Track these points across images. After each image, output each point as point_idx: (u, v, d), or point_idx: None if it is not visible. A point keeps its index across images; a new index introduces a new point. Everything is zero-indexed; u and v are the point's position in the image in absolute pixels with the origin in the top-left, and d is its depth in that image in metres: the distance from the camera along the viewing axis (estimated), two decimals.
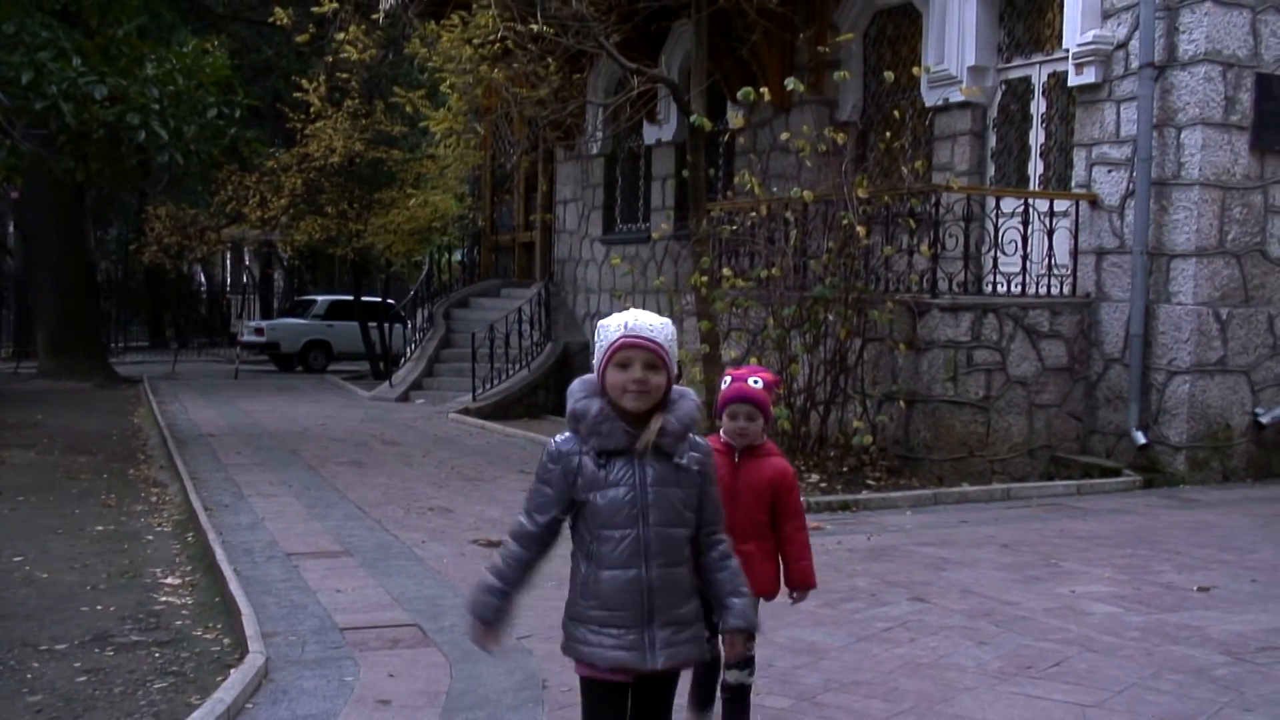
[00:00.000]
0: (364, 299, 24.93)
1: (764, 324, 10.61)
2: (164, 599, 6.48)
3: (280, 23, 15.33)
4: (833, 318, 10.25)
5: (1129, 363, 10.50)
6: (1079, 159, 11.17)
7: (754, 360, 10.48)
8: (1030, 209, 10.92)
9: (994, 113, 12.39)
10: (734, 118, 13.49)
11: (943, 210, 10.58)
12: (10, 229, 31.82)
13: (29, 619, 5.99)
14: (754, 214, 11.18)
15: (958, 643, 5.58)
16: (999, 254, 10.78)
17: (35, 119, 11.47)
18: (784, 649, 5.38)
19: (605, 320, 3.03)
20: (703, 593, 3.14)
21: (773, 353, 10.49)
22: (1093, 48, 10.77)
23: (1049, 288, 10.92)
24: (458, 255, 24.55)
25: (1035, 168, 11.99)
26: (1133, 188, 10.51)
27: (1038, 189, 11.73)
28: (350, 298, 25.67)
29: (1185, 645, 5.54)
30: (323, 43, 16.69)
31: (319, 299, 28.51)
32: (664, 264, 16.28)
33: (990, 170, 12.40)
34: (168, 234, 25.71)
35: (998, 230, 10.78)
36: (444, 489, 10.25)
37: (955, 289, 10.55)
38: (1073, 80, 11.08)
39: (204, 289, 40.77)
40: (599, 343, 3.02)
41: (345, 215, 21.77)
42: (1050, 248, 10.91)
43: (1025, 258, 10.80)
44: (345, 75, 19.33)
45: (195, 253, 27.62)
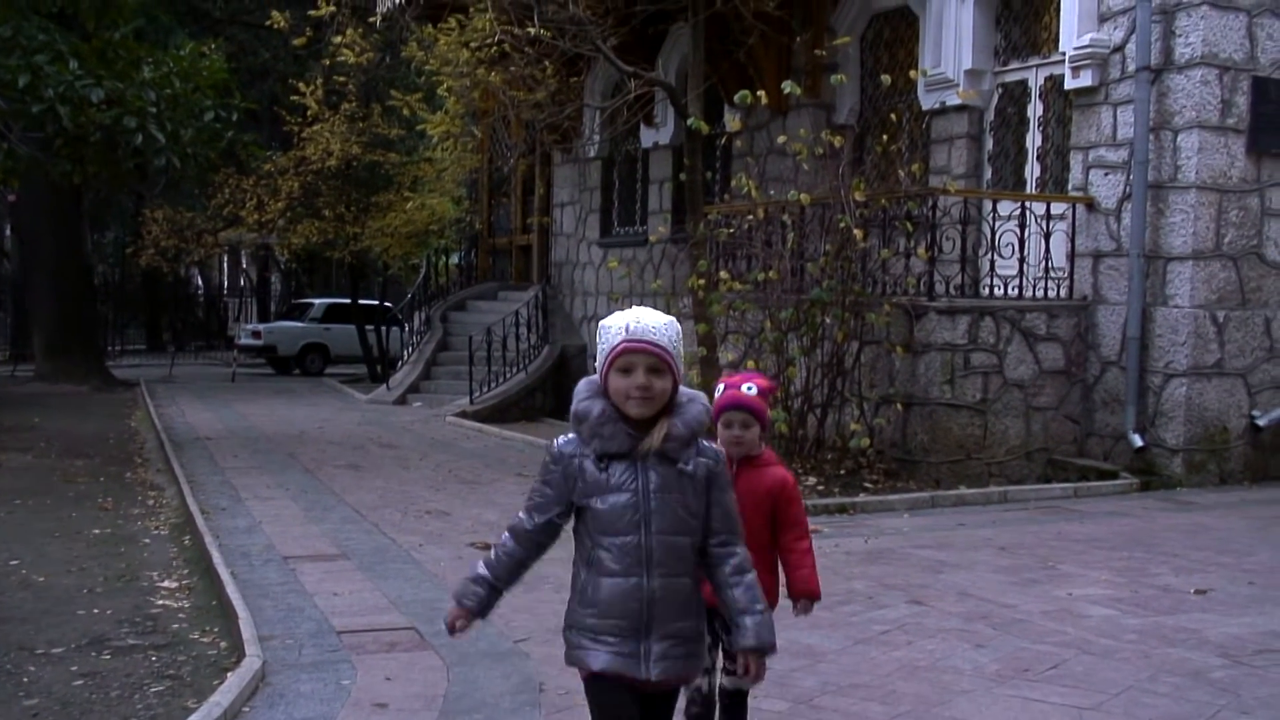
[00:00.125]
0: (361, 302, 24.94)
1: (761, 327, 10.62)
2: (161, 602, 6.48)
3: (277, 26, 15.33)
4: (830, 320, 10.25)
5: (1126, 365, 10.51)
6: (1075, 162, 11.19)
7: (751, 363, 10.49)
8: (1027, 212, 10.93)
9: (991, 116, 12.40)
10: (731, 121, 13.51)
11: (940, 213, 10.60)
12: (7, 232, 31.81)
13: (25, 622, 5.99)
14: (751, 217, 11.18)
15: (955, 645, 5.58)
16: (996, 257, 10.79)
17: (32, 122, 11.48)
18: (781, 652, 5.31)
19: (607, 320, 2.89)
20: (710, 611, 2.99)
21: (770, 355, 10.50)
22: (1089, 51, 10.78)
23: (1046, 291, 10.93)
24: (455, 258, 24.56)
25: (1032, 171, 12.00)
26: (1129, 191, 10.52)
27: (1034, 192, 11.75)
28: (347, 301, 25.67)
29: (1182, 648, 5.54)
30: (320, 46, 16.69)
31: (316, 302, 28.51)
32: (661, 267, 16.29)
33: (987, 173, 12.41)
34: (165, 237, 25.68)
35: (994, 233, 10.79)
36: (441, 492, 10.25)
37: (952, 292, 10.56)
38: (1069, 83, 11.10)
39: (201, 292, 40.78)
40: (600, 345, 2.89)
41: (342, 218, 21.79)
42: (1047, 251, 10.92)
43: (1022, 261, 10.82)
44: (342, 78, 19.34)
45: (192, 256, 27.63)
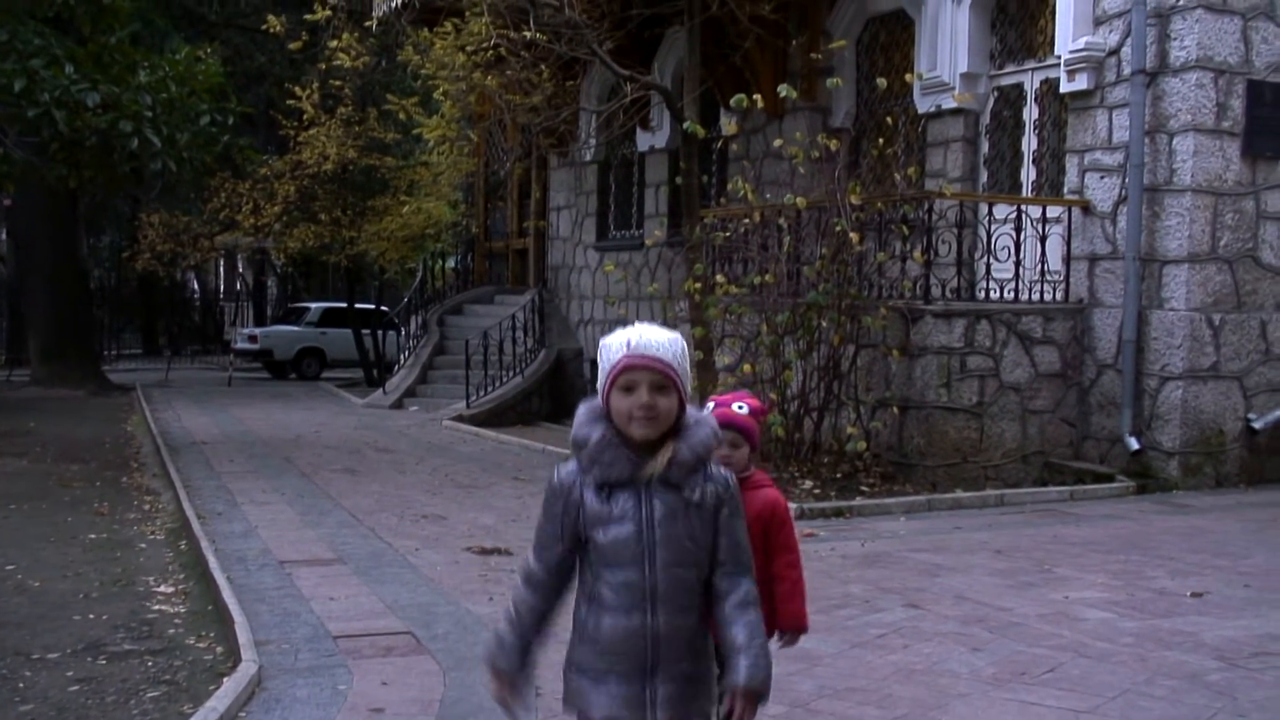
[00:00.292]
0: (358, 306, 24.92)
1: (758, 330, 10.62)
2: (157, 607, 6.47)
3: (273, 30, 15.37)
4: (826, 324, 10.26)
5: (1122, 368, 10.52)
6: (1071, 165, 11.20)
7: (747, 367, 10.49)
8: (1023, 215, 10.94)
9: (986, 119, 12.41)
10: (727, 124, 13.54)
11: (936, 217, 10.60)
12: (2, 236, 31.76)
13: (21, 628, 5.98)
14: (747, 221, 11.19)
15: (951, 649, 5.58)
16: (992, 260, 10.80)
17: (28, 127, 11.47)
18: (777, 656, 5.34)
19: (607, 339, 2.74)
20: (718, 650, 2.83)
21: (766, 359, 10.50)
22: (1085, 54, 10.80)
23: (1042, 294, 10.94)
24: (451, 262, 24.55)
25: (1028, 174, 12.01)
26: (1125, 194, 10.54)
27: (1030, 195, 11.76)
28: (344, 305, 25.66)
29: (1179, 651, 5.54)
30: (316, 50, 16.72)
31: (313, 306, 28.49)
32: (658, 271, 16.29)
33: (983, 177, 12.42)
34: (161, 241, 25.68)
35: (990, 236, 10.80)
36: (438, 496, 10.24)
37: (948, 295, 10.56)
38: (1065, 87, 11.11)
39: (197, 296, 40.75)
40: (602, 364, 2.72)
41: (339, 222, 21.78)
42: (1043, 254, 10.92)
43: (1018, 264, 10.82)
44: (338, 82, 19.35)
45: (188, 260, 27.65)
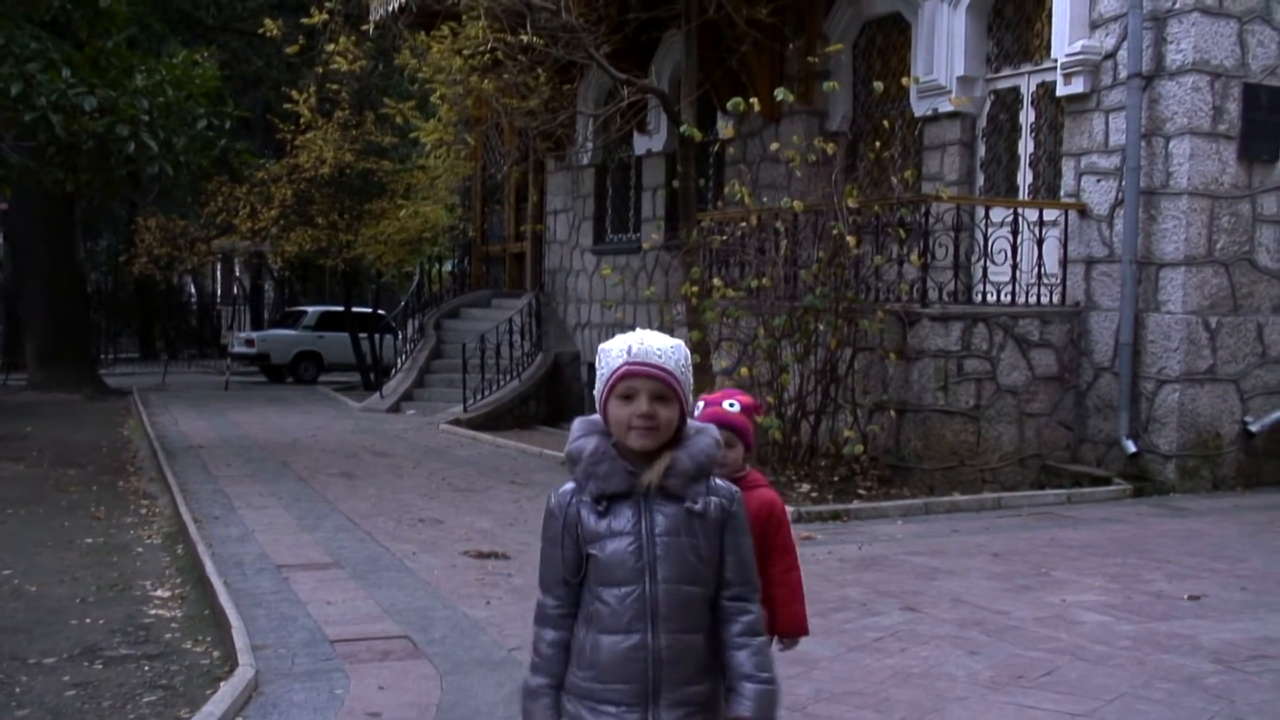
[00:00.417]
0: (355, 310, 24.89)
1: (755, 334, 10.62)
2: (154, 612, 6.46)
3: (270, 34, 15.35)
4: (823, 327, 10.26)
5: (1119, 371, 10.52)
6: (1068, 168, 11.21)
7: (745, 370, 10.49)
8: (1020, 218, 10.94)
9: (983, 123, 12.42)
10: (724, 128, 13.55)
11: (932, 220, 10.61)
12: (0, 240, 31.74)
13: (17, 632, 5.97)
14: (744, 224, 11.19)
15: (949, 652, 5.58)
16: (989, 263, 10.80)
17: (24, 130, 11.46)
18: (775, 660, 5.37)
19: (607, 344, 2.61)
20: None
21: (763, 363, 10.50)
22: (1081, 58, 10.81)
23: (1039, 297, 10.94)
24: (448, 266, 24.54)
25: (1024, 177, 12.02)
26: (1122, 197, 10.55)
27: (1027, 198, 11.77)
28: (341, 309, 25.63)
29: (1176, 654, 5.55)
30: (313, 54, 16.70)
31: (309, 310, 28.45)
32: (654, 274, 16.29)
33: (979, 180, 12.43)
34: (158, 245, 25.65)
35: (987, 240, 10.81)
36: (435, 500, 10.23)
37: (945, 298, 10.57)
38: (1061, 90, 11.12)
39: (194, 300, 40.70)
40: (600, 371, 2.58)
41: (335, 226, 21.76)
42: (1040, 257, 10.93)
43: (1015, 267, 10.83)
44: (335, 86, 19.35)
45: (185, 264, 27.60)
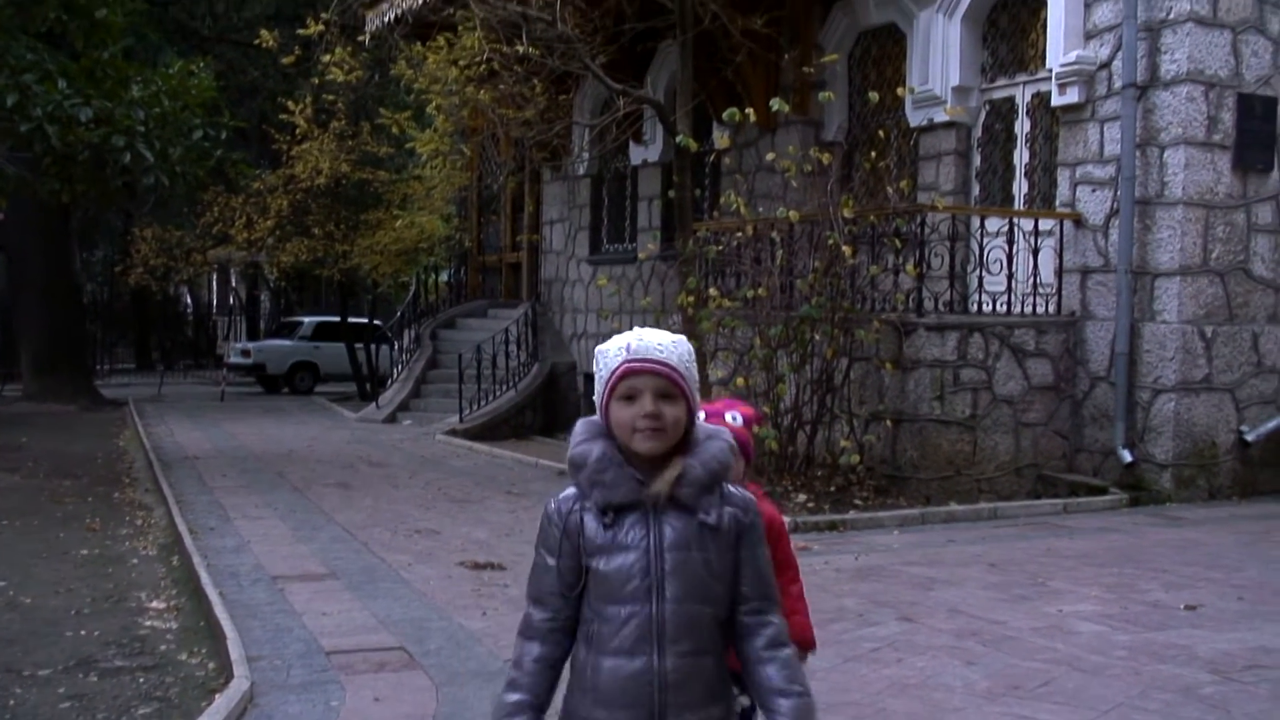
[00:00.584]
0: (351, 320, 24.90)
1: (751, 344, 10.62)
2: (149, 623, 6.45)
3: (266, 44, 15.34)
4: (819, 337, 10.27)
5: (1114, 381, 10.53)
6: (1063, 178, 11.23)
7: (741, 380, 10.49)
8: (1015, 228, 10.96)
9: (978, 132, 12.44)
10: (719, 138, 13.50)
11: (928, 230, 10.62)
12: None
13: (12, 644, 5.95)
14: (740, 234, 11.20)
15: (945, 663, 5.58)
16: (984, 273, 10.82)
17: (20, 141, 11.46)
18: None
19: (604, 345, 2.43)
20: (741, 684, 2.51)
21: (760, 373, 10.50)
22: (1076, 68, 10.83)
23: (1034, 306, 10.95)
24: (444, 276, 24.54)
25: (1020, 187, 12.04)
26: (1117, 207, 10.56)
27: (1022, 208, 11.78)
28: (337, 319, 25.61)
29: (1172, 664, 5.54)
30: (309, 64, 16.70)
31: (306, 320, 28.45)
32: (650, 284, 16.29)
33: (975, 190, 12.44)
34: (154, 255, 25.63)
35: (983, 249, 10.82)
36: (431, 511, 10.22)
37: (941, 308, 10.58)
38: (1056, 100, 11.14)
39: (190, 311, 40.71)
40: (598, 372, 2.41)
41: (332, 236, 21.77)
42: (1035, 267, 10.95)
43: (1010, 277, 10.84)
44: (331, 97, 19.36)
45: (181, 274, 27.59)
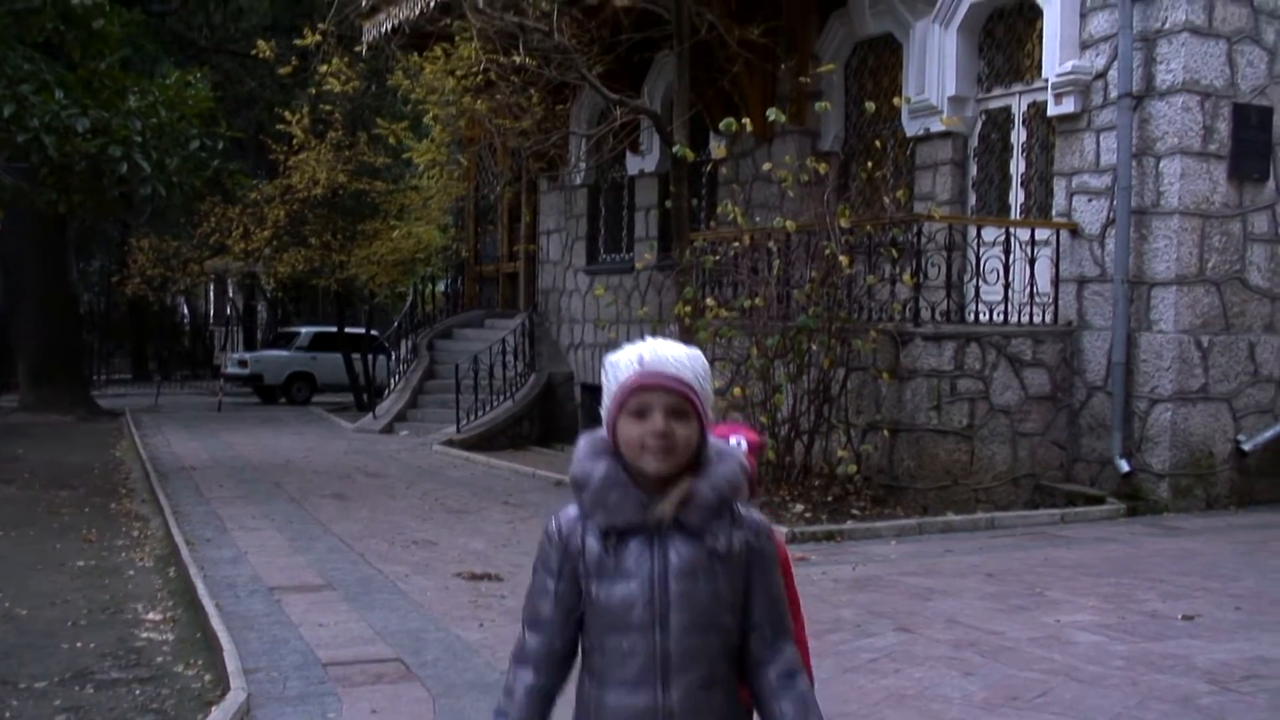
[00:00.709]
0: (348, 330, 24.87)
1: (748, 354, 10.62)
2: (145, 635, 6.43)
3: (263, 55, 15.39)
4: (816, 347, 10.27)
5: (1111, 391, 10.53)
6: (1059, 188, 11.24)
7: (738, 391, 10.49)
8: (1012, 238, 10.96)
9: (975, 142, 12.46)
10: (716, 148, 13.56)
11: (925, 239, 10.63)
12: None
13: (8, 656, 5.94)
14: (737, 244, 11.21)
15: (943, 673, 5.57)
16: (981, 283, 10.82)
17: (17, 152, 11.45)
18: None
19: (614, 356, 2.30)
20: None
21: (757, 382, 10.50)
22: (1071, 78, 10.85)
23: (1031, 316, 10.96)
24: (441, 286, 24.54)
25: (1016, 197, 12.06)
26: (1113, 216, 10.58)
27: (1019, 218, 11.79)
28: (334, 329, 25.60)
29: (1170, 674, 5.53)
30: (306, 75, 16.75)
31: (303, 330, 28.43)
32: (648, 294, 16.31)
33: (971, 199, 12.46)
34: (150, 266, 25.61)
35: (979, 259, 10.83)
36: (428, 521, 10.20)
37: (938, 318, 10.58)
38: (1052, 110, 11.16)
39: (187, 321, 40.65)
40: (607, 385, 2.27)
41: (329, 246, 21.75)
42: (1032, 276, 10.95)
43: (1007, 286, 10.84)
44: (328, 107, 19.37)
45: (178, 285, 27.53)
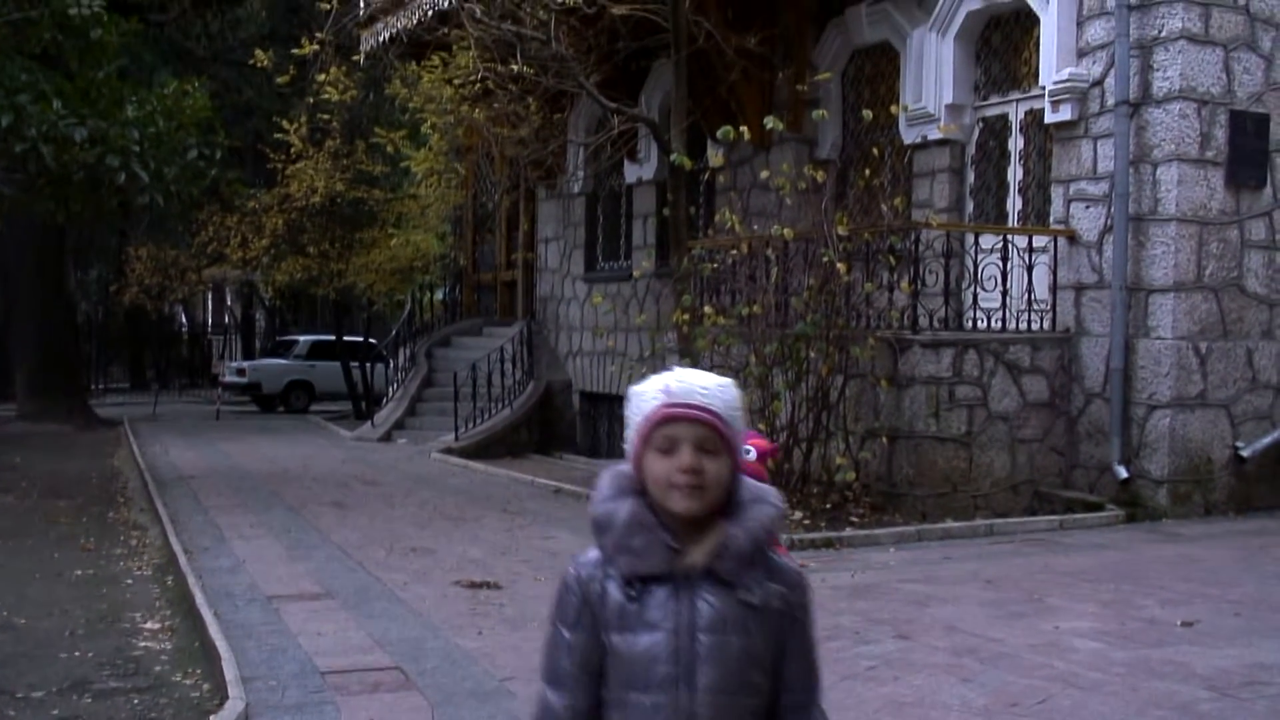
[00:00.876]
0: (346, 339, 24.88)
1: (746, 361, 10.62)
2: (143, 644, 6.42)
3: (261, 64, 15.40)
4: (814, 355, 10.26)
5: (1109, 397, 10.53)
6: (1057, 195, 11.25)
7: None
8: (1009, 245, 10.97)
9: (972, 150, 12.47)
10: (714, 156, 13.58)
11: (922, 247, 10.63)
12: None
13: (5, 666, 5.93)
14: (735, 252, 11.21)
15: (942, 680, 5.56)
16: (979, 290, 10.82)
17: (15, 161, 11.46)
18: None
19: (639, 385, 2.14)
20: None
21: (755, 390, 10.49)
22: (1068, 85, 10.87)
23: (1029, 323, 10.96)
24: (439, 294, 24.55)
25: (1014, 204, 12.06)
26: (1110, 223, 10.58)
27: (1016, 225, 11.80)
28: (332, 338, 25.62)
29: (1169, 681, 5.53)
30: (304, 84, 16.77)
31: (301, 339, 28.44)
32: (646, 302, 16.30)
33: (969, 207, 12.46)
34: (149, 275, 25.67)
35: (977, 266, 10.83)
36: (426, 529, 10.19)
37: (936, 325, 10.58)
38: (1049, 117, 11.17)
39: (185, 330, 40.70)
40: (631, 418, 2.12)
41: (327, 255, 21.78)
42: (1030, 283, 10.96)
43: (1005, 293, 10.85)
44: (326, 116, 19.40)
45: (176, 293, 27.64)
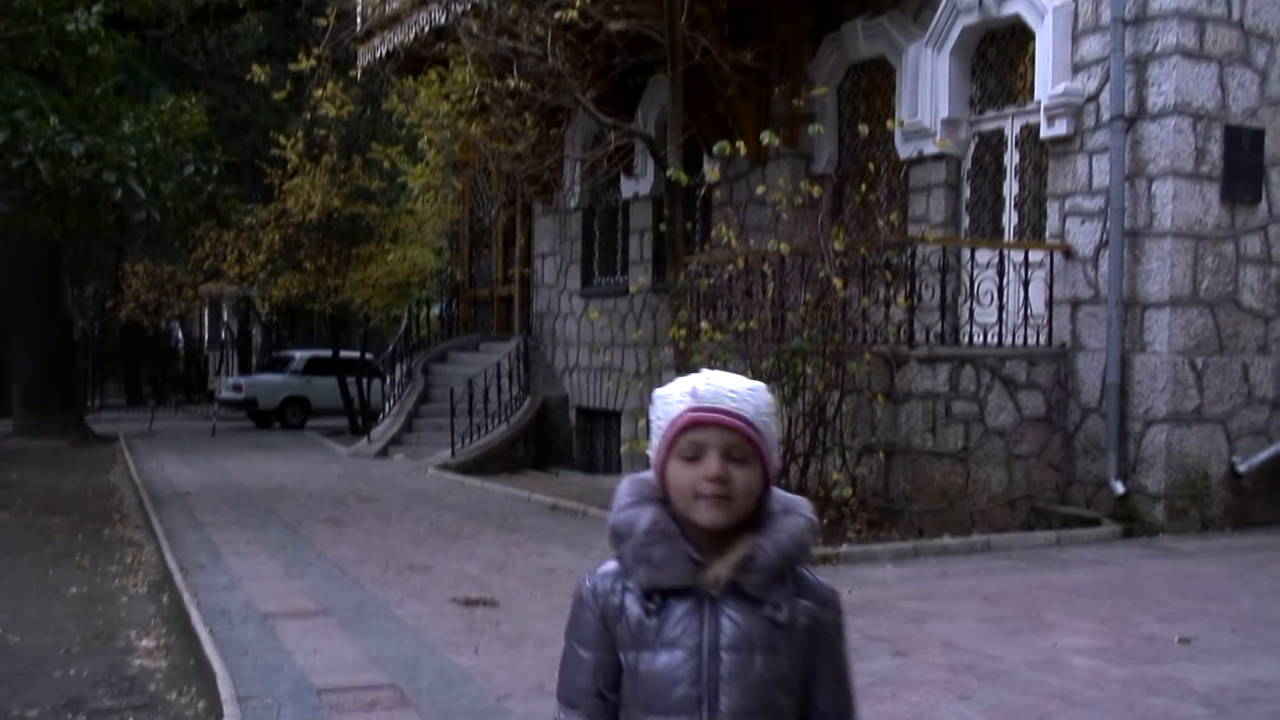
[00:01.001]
0: (342, 354, 24.88)
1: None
2: (138, 662, 6.40)
3: (258, 80, 15.42)
4: (811, 370, 10.26)
5: (1106, 412, 10.53)
6: (1052, 210, 11.27)
7: None
8: (1005, 260, 10.98)
9: (968, 165, 12.49)
10: (710, 171, 13.59)
11: (919, 262, 10.64)
12: None
13: (0, 684, 5.90)
14: (731, 267, 11.22)
15: (940, 697, 5.55)
16: (975, 305, 10.83)
17: (12, 177, 11.47)
18: None
19: (664, 389, 2.03)
20: None
21: None
22: (1064, 100, 10.90)
23: (1025, 338, 10.96)
24: (436, 310, 24.55)
25: (1009, 219, 12.08)
26: (1106, 238, 10.60)
27: (1012, 240, 11.82)
28: (329, 353, 25.60)
29: (1167, 697, 5.52)
30: (301, 99, 16.78)
31: (297, 355, 28.41)
32: (642, 317, 16.31)
33: (965, 221, 12.48)
34: (145, 291, 25.66)
35: (973, 281, 10.85)
36: (423, 546, 10.17)
37: (932, 340, 10.58)
38: (1045, 132, 11.20)
39: (181, 345, 40.67)
40: (656, 423, 2.00)
41: (323, 270, 21.79)
42: (1026, 298, 10.97)
43: (1001, 308, 10.86)
44: (323, 131, 19.42)
45: (173, 309, 27.62)
